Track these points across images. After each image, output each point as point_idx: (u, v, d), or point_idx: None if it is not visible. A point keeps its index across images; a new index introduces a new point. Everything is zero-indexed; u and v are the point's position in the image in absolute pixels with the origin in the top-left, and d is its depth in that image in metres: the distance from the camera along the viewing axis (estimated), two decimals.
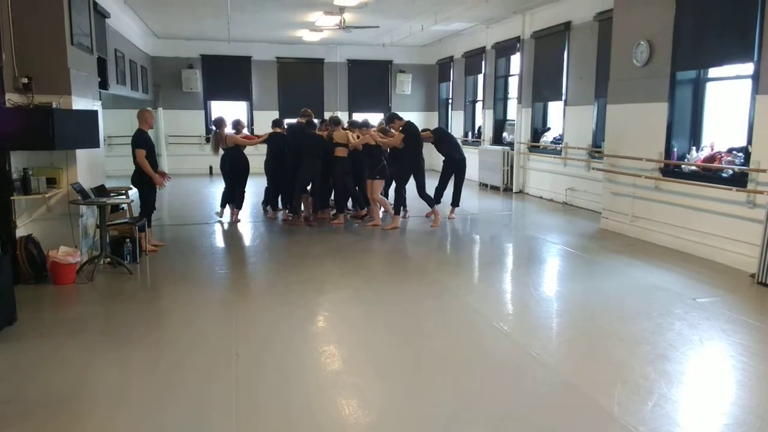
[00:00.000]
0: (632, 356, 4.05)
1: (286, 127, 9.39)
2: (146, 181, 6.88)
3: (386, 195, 9.59)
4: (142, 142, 6.83)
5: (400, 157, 8.69)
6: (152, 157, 6.95)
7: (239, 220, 9.09)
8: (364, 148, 8.54)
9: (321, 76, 16.74)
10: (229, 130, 9.06)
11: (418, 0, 10.57)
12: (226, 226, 8.91)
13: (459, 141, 15.06)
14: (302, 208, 9.11)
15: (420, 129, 9.16)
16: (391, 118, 9.08)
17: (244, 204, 9.27)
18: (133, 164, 6.90)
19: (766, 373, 3.83)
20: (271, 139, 9.09)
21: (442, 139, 9.44)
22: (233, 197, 9.13)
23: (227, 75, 16.09)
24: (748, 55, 6.18)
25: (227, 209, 9.26)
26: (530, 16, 11.63)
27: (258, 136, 9.59)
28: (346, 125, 9.31)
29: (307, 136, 8.76)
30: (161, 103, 15.27)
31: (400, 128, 8.61)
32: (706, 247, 6.66)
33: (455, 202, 9.40)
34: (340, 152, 8.67)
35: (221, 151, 9.07)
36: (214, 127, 9.07)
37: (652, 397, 3.44)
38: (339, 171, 8.74)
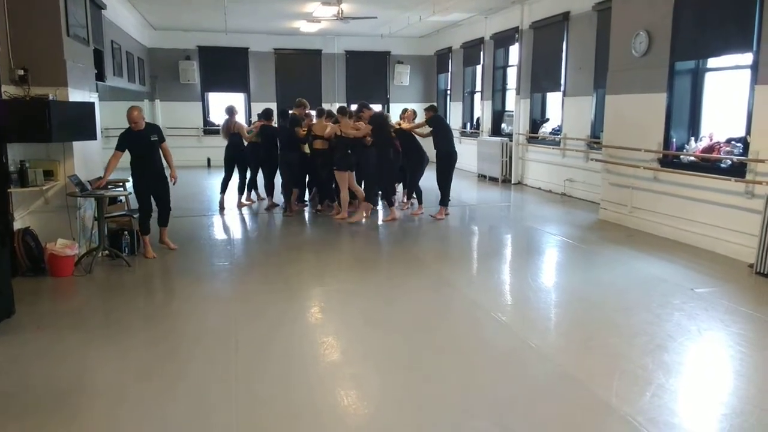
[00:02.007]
0: (630, 347, 4.06)
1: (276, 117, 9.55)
2: (134, 181, 6.52)
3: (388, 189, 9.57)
4: (119, 142, 6.35)
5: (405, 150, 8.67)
6: (139, 157, 6.44)
7: (248, 204, 9.74)
8: (348, 139, 8.29)
9: (319, 67, 16.66)
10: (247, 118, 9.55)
11: None
12: (228, 212, 9.28)
13: (455, 133, 15.14)
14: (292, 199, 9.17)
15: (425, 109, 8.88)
16: (360, 108, 8.75)
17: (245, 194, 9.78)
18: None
19: (764, 363, 3.84)
20: (261, 131, 9.23)
21: (437, 127, 8.70)
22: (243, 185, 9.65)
23: (225, 66, 16.01)
24: (747, 45, 6.16)
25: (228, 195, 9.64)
26: (529, 7, 11.57)
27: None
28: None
29: (281, 128, 8.97)
30: (158, 95, 15.22)
31: (369, 119, 8.34)
32: (705, 238, 6.67)
33: (443, 200, 8.76)
34: (319, 144, 8.62)
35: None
36: (226, 115, 9.54)
37: (650, 387, 3.44)
38: (320, 163, 8.72)
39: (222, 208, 9.40)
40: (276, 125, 9.36)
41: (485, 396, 3.42)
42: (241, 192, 9.72)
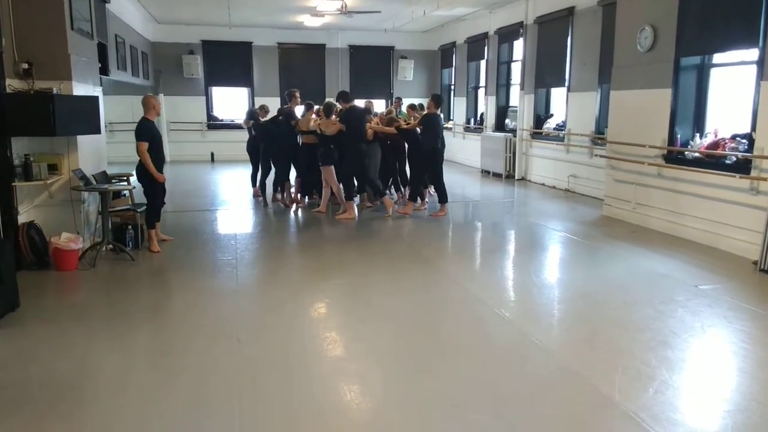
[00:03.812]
0: (634, 343, 4.06)
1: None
2: (147, 178, 6.41)
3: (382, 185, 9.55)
4: (145, 133, 6.27)
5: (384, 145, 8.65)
6: (158, 149, 6.41)
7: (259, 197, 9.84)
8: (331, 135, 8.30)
9: (322, 61, 16.63)
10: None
11: None
12: (233, 206, 9.36)
13: (459, 129, 15.11)
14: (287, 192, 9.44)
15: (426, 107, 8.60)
16: (338, 99, 8.41)
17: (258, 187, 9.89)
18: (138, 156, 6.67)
19: (767, 360, 3.83)
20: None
21: (427, 126, 8.35)
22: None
23: (228, 61, 16.01)
24: (752, 41, 6.13)
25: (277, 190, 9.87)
26: (533, 1, 11.52)
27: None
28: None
29: (256, 124, 9.37)
30: (162, 89, 15.21)
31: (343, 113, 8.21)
32: (709, 234, 6.65)
33: (441, 197, 8.63)
34: (305, 139, 8.73)
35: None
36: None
37: (653, 383, 3.44)
38: (303, 158, 8.81)
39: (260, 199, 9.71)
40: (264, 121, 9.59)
41: (488, 391, 3.42)
42: (253, 184, 9.96)
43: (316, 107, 9.17)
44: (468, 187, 11.53)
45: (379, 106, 12.60)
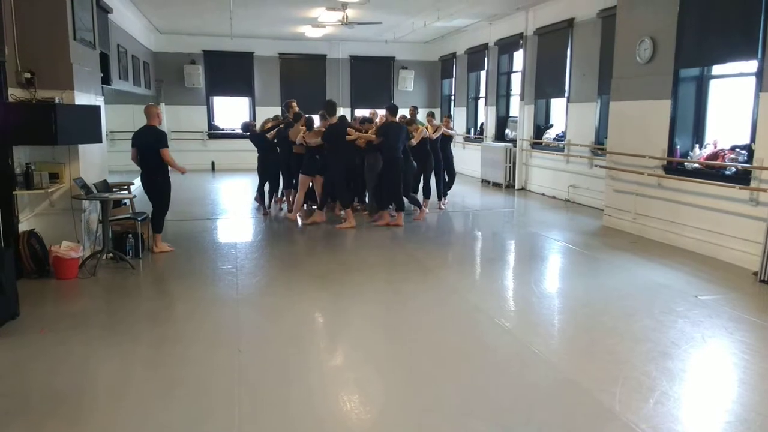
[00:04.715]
0: (634, 353, 4.05)
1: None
2: (162, 184, 6.66)
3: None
4: (166, 138, 6.68)
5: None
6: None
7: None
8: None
9: (323, 72, 16.71)
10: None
11: None
12: (237, 216, 9.29)
13: (458, 139, 15.16)
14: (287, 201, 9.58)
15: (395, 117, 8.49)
16: (326, 110, 8.41)
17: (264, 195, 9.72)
18: (138, 165, 6.67)
19: (767, 371, 3.82)
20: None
21: (385, 136, 8.27)
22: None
23: (229, 71, 16.09)
24: (751, 53, 6.16)
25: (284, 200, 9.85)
26: (533, 13, 11.59)
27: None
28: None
29: (251, 135, 9.55)
30: (163, 99, 15.28)
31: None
32: (709, 245, 6.65)
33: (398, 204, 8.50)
34: (295, 150, 8.81)
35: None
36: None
37: (653, 394, 3.43)
38: (295, 167, 8.93)
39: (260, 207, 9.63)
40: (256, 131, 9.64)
41: (488, 401, 3.41)
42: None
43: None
44: (468, 197, 11.55)
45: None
